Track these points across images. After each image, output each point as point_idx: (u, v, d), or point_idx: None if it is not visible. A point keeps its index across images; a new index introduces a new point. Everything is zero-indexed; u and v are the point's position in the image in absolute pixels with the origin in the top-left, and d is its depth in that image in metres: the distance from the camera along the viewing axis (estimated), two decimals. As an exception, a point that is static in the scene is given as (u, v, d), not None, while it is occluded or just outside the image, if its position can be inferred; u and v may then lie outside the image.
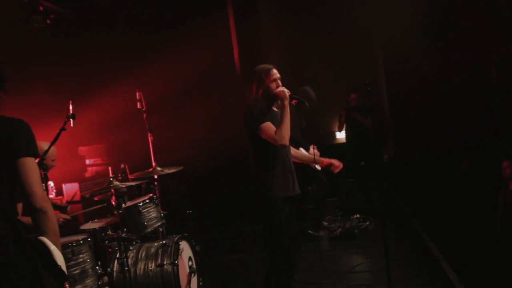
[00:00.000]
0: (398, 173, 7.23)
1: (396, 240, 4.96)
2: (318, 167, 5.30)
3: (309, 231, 5.63)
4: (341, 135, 7.78)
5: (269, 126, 3.04)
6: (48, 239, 1.86)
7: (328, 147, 7.20)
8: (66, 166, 5.70)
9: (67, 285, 1.88)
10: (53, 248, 1.85)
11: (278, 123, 3.04)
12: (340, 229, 5.39)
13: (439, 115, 7.02)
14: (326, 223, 5.84)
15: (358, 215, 5.74)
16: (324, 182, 5.56)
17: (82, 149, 6.68)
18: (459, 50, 6.92)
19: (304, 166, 5.48)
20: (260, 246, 5.58)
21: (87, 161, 6.68)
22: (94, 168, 6.70)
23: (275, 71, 3.19)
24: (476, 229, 4.90)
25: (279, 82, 3.18)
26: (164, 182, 5.79)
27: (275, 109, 3.21)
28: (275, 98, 3.15)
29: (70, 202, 5.45)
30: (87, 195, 5.43)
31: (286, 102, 3.06)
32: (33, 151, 1.92)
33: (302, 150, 5.47)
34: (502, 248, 4.36)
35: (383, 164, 8.02)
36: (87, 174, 6.56)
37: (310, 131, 5.94)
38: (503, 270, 3.89)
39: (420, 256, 4.54)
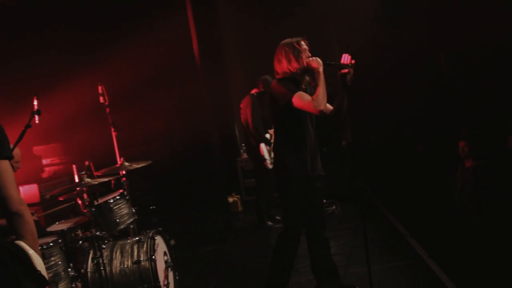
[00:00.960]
0: (358, 157, 7.45)
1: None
2: (270, 165, 5.44)
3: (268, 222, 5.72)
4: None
5: (303, 94, 2.99)
6: (26, 243, 1.81)
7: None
8: (21, 168, 5.39)
9: None
10: (31, 252, 1.80)
11: None
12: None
13: (394, 101, 7.28)
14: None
15: (324, 200, 5.88)
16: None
17: (37, 149, 6.33)
18: (413, 37, 7.18)
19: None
20: (233, 236, 5.60)
21: (44, 161, 6.35)
22: (52, 168, 6.39)
23: (303, 42, 3.11)
24: (436, 206, 5.17)
25: (309, 53, 3.11)
26: (131, 178, 5.64)
27: (303, 86, 3.14)
28: (307, 69, 3.06)
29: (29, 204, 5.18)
30: (47, 196, 5.18)
31: (321, 69, 2.99)
32: (6, 154, 1.85)
33: (262, 145, 5.53)
34: (461, 221, 4.65)
35: (343, 150, 8.23)
36: (45, 175, 6.25)
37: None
38: (466, 241, 4.15)
39: (389, 235, 4.74)
